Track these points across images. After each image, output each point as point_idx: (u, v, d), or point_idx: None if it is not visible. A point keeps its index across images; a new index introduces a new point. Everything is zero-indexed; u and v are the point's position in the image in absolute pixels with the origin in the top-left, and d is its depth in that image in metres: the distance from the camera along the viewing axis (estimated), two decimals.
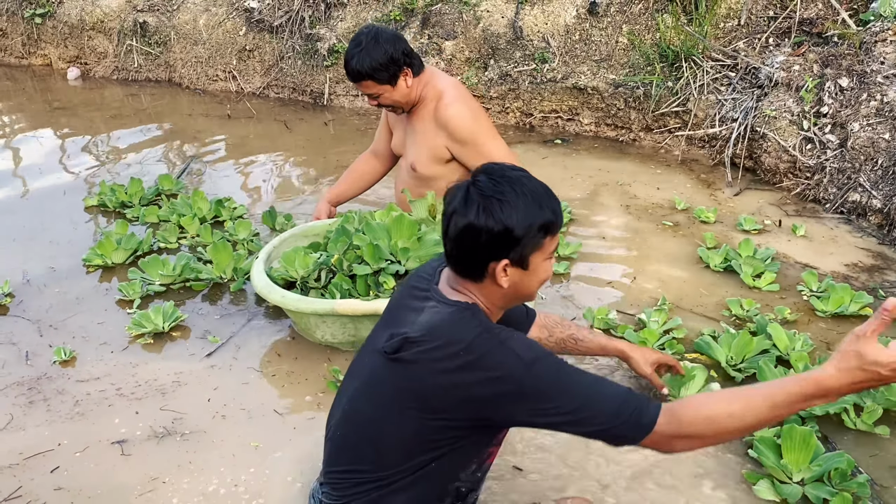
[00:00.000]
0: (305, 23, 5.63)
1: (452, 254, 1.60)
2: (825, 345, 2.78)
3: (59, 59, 6.64)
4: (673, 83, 4.67)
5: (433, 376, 1.55)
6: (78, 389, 2.57)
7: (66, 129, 5.29)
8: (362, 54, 2.73)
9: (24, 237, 3.71)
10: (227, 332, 2.89)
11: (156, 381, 2.61)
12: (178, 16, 6.14)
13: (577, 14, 5.07)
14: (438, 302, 1.63)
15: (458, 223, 1.54)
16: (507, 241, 1.54)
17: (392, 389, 1.61)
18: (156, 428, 2.39)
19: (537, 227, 1.55)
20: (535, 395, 1.52)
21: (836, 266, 3.36)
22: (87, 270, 3.35)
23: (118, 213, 3.96)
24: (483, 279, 1.60)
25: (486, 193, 1.53)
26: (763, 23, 4.72)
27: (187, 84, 6.10)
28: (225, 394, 2.55)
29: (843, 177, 3.94)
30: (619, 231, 3.72)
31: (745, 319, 2.93)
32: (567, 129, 5.04)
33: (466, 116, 2.84)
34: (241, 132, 5.16)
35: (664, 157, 4.64)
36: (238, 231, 3.56)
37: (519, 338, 1.58)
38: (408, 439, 1.62)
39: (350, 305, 2.53)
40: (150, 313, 2.88)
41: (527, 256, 1.57)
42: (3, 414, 2.46)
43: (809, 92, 4.19)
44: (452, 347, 1.54)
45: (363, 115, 5.46)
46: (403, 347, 1.58)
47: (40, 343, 2.83)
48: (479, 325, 1.56)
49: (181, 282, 3.19)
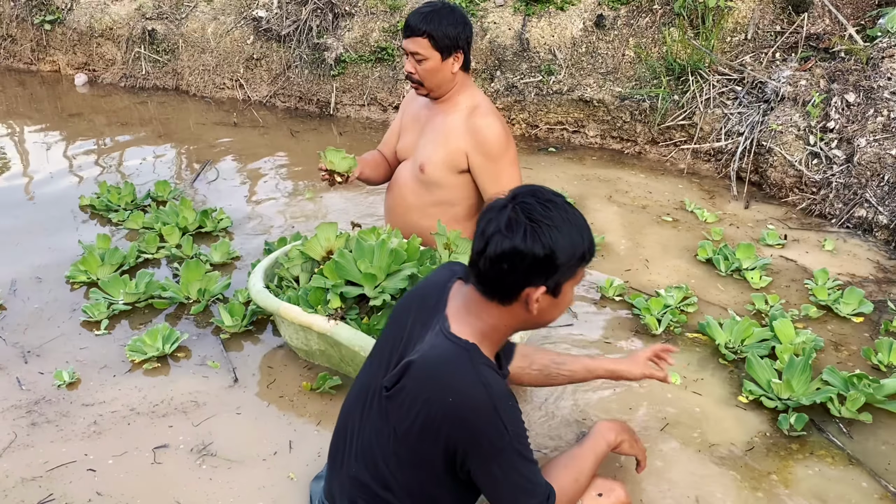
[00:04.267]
0: (313, 32, 5.65)
1: (487, 275, 1.55)
2: (833, 345, 2.89)
3: (68, 66, 6.68)
4: (679, 96, 4.68)
5: (421, 411, 1.57)
6: (88, 412, 2.50)
7: (75, 135, 5.31)
8: (435, 13, 2.64)
9: (26, 242, 3.68)
10: (235, 354, 2.83)
11: (171, 400, 2.56)
12: (186, 24, 6.18)
13: (583, 27, 5.08)
14: (441, 333, 1.61)
15: (501, 245, 1.49)
16: (548, 268, 1.51)
17: (394, 426, 1.63)
18: (178, 447, 2.35)
19: (577, 256, 1.53)
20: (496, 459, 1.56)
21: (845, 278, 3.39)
22: (72, 287, 3.25)
23: (102, 216, 3.92)
24: (512, 303, 1.57)
25: (534, 217, 1.49)
26: (770, 37, 4.72)
27: (194, 92, 6.12)
28: (248, 417, 2.49)
29: (850, 192, 3.93)
30: (618, 225, 3.86)
31: (766, 314, 3.05)
32: (572, 141, 5.04)
33: (501, 133, 2.72)
34: (247, 140, 5.17)
35: (669, 169, 4.64)
36: (214, 253, 3.44)
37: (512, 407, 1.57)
38: (409, 478, 1.65)
39: (291, 311, 2.53)
40: (145, 337, 2.77)
41: (561, 284, 1.55)
42: (4, 434, 2.40)
43: (816, 107, 4.19)
44: (443, 393, 1.54)
45: (370, 128, 5.47)
46: (402, 380, 1.60)
47: (28, 370, 2.71)
48: (476, 376, 1.55)
49: (146, 299, 3.09)
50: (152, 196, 4.11)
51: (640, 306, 3.06)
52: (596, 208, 4.08)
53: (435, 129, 2.81)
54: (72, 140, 5.23)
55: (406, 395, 1.59)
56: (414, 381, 1.58)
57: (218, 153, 4.94)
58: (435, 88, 2.74)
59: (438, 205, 2.84)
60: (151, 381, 2.67)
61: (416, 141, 2.89)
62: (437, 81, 2.72)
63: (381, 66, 5.53)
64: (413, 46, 2.67)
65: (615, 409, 2.52)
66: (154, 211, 3.78)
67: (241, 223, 3.92)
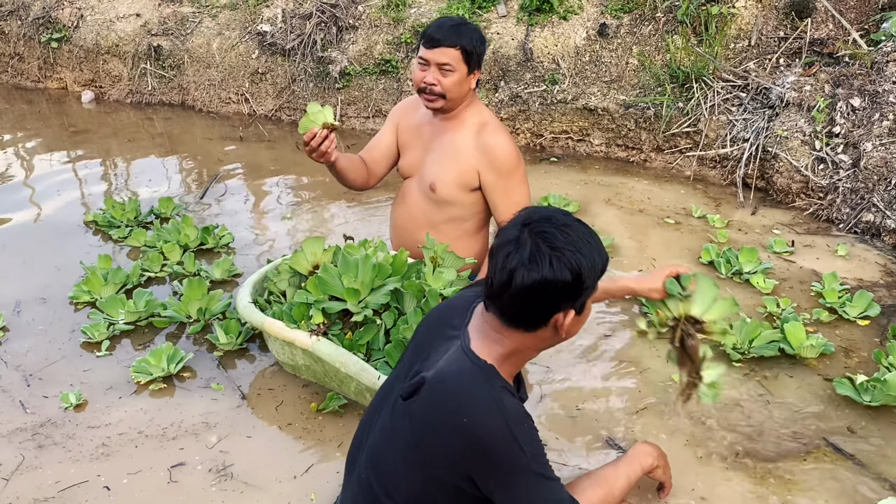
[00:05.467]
0: (317, 46, 5.68)
1: (512, 309, 1.54)
2: (843, 350, 2.89)
3: (75, 83, 6.72)
4: (683, 104, 4.68)
5: (433, 427, 1.57)
6: (95, 434, 2.49)
7: (82, 152, 5.34)
8: (464, 27, 2.64)
9: (34, 260, 3.69)
10: (233, 373, 2.81)
11: (181, 423, 2.54)
12: (191, 39, 6.22)
13: (586, 36, 5.09)
14: (461, 351, 1.60)
15: (528, 277, 1.47)
16: (576, 292, 1.51)
17: (405, 435, 1.63)
18: (195, 468, 2.33)
19: (599, 271, 1.54)
20: (516, 481, 1.53)
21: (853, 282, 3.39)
22: (76, 308, 3.24)
23: (104, 233, 3.93)
24: (538, 329, 1.56)
25: (556, 245, 1.48)
26: (773, 43, 4.72)
27: (200, 107, 6.15)
28: (262, 438, 2.48)
29: (857, 197, 3.92)
30: (621, 227, 3.90)
31: (777, 317, 3.07)
32: (578, 149, 5.05)
33: (513, 150, 2.72)
34: (253, 155, 5.19)
35: (675, 176, 4.63)
36: (215, 271, 3.43)
37: (528, 428, 1.56)
38: (412, 488, 1.64)
39: (275, 327, 2.54)
40: (150, 358, 2.75)
41: (585, 302, 1.56)
42: (11, 457, 2.39)
43: (821, 112, 4.18)
44: (457, 412, 1.54)
45: None
46: (418, 392, 1.59)
47: (31, 393, 2.70)
48: (491, 398, 1.54)
49: (147, 318, 3.07)
50: (155, 212, 4.11)
51: (648, 304, 3.07)
52: (597, 212, 4.12)
53: (444, 147, 2.78)
54: (79, 157, 5.26)
55: (420, 408, 1.59)
56: (429, 395, 1.58)
57: (225, 168, 4.96)
58: (450, 101, 2.69)
59: (450, 221, 2.82)
60: (158, 402, 2.65)
61: (423, 158, 2.85)
62: (456, 93, 2.67)
63: (386, 78, 5.55)
64: (443, 58, 2.61)
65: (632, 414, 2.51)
66: (156, 228, 3.76)
67: (243, 239, 3.92)
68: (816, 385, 2.69)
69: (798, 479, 2.26)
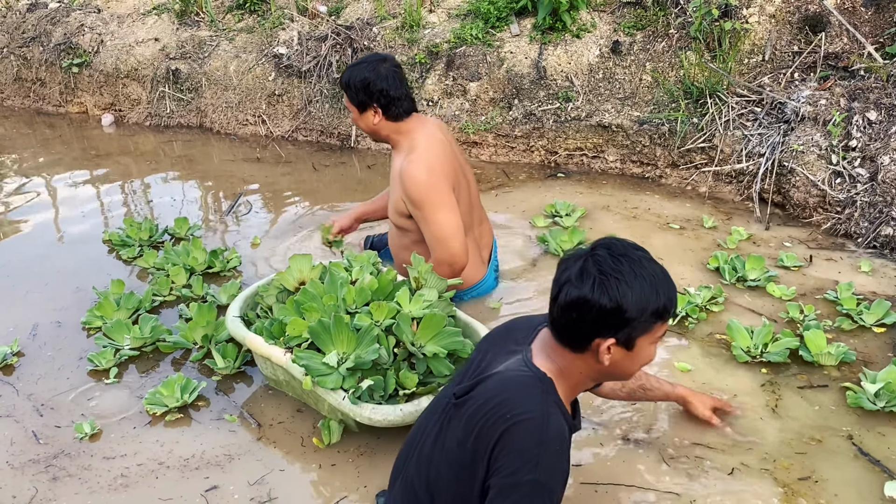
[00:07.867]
0: (333, 67, 5.75)
1: (559, 322, 1.60)
2: (862, 361, 2.88)
3: (95, 107, 6.83)
4: (698, 119, 4.68)
5: (481, 420, 1.58)
6: (112, 465, 2.45)
7: (103, 175, 5.42)
8: (351, 68, 2.82)
9: (54, 282, 3.73)
10: (233, 397, 2.80)
11: (203, 454, 2.51)
12: (209, 62, 6.31)
13: (600, 53, 5.11)
14: (523, 361, 1.64)
15: (570, 294, 1.54)
16: (617, 321, 1.53)
17: (455, 433, 1.64)
18: (232, 496, 2.31)
19: (650, 312, 1.55)
20: (510, 487, 1.53)
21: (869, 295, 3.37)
22: (88, 333, 3.24)
23: (118, 252, 3.98)
24: (584, 351, 1.60)
25: (603, 269, 1.52)
26: (787, 58, 4.72)
27: (218, 129, 6.23)
28: (297, 468, 2.45)
29: (875, 211, 3.89)
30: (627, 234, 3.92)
31: (800, 323, 3.08)
32: (592, 166, 5.05)
33: (420, 181, 2.75)
34: (271, 176, 5.25)
35: (691, 192, 4.62)
36: (222, 294, 3.43)
37: (556, 452, 1.55)
38: (454, 491, 1.65)
39: (255, 342, 2.57)
40: (162, 389, 2.72)
41: (634, 338, 1.57)
42: (24, 489, 2.35)
43: (837, 126, 4.17)
44: (505, 409, 1.55)
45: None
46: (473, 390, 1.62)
47: (44, 423, 2.67)
48: (541, 405, 1.55)
49: (152, 343, 3.06)
50: (170, 232, 4.13)
51: None
52: (598, 217, 4.19)
53: (392, 178, 2.95)
54: (100, 180, 5.34)
55: (471, 405, 1.61)
56: (483, 393, 1.61)
57: (243, 189, 5.01)
58: (374, 136, 2.92)
59: (415, 244, 2.93)
60: (174, 433, 2.61)
61: None
62: (365, 130, 2.89)
63: None
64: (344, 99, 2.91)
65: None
66: (167, 250, 3.75)
67: (255, 260, 3.91)
68: (835, 391, 2.71)
69: (823, 483, 2.27)
